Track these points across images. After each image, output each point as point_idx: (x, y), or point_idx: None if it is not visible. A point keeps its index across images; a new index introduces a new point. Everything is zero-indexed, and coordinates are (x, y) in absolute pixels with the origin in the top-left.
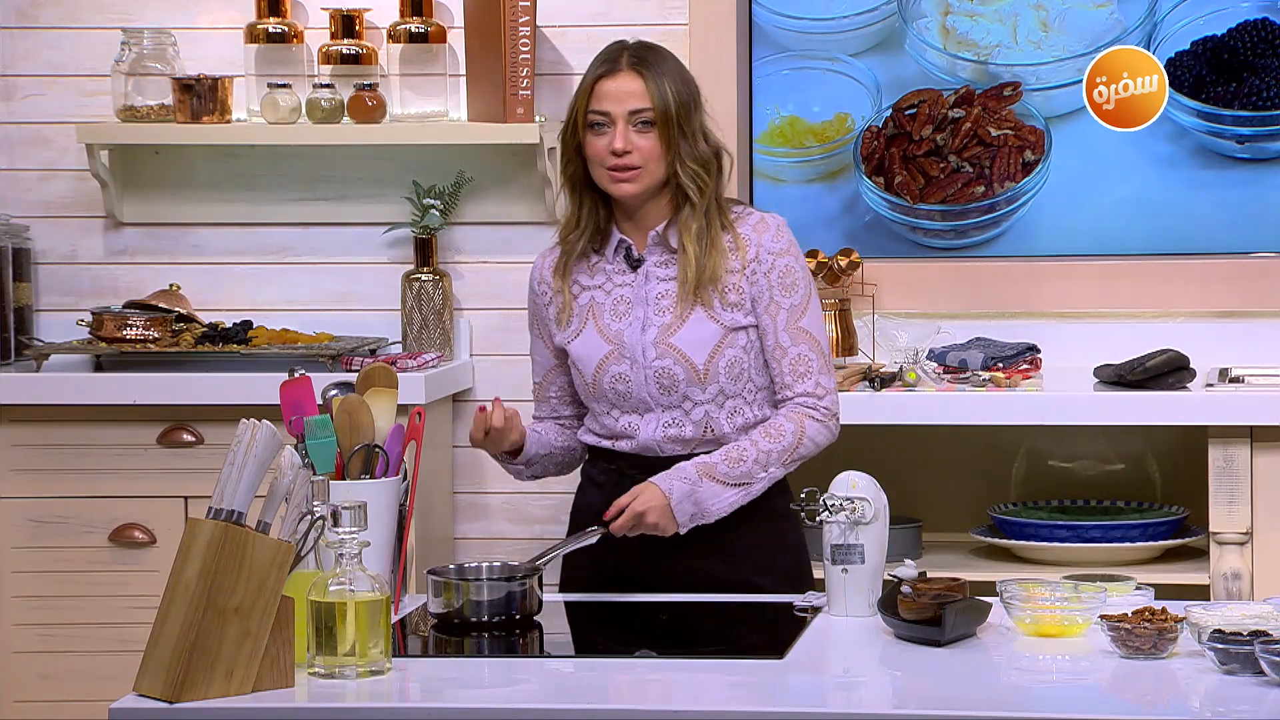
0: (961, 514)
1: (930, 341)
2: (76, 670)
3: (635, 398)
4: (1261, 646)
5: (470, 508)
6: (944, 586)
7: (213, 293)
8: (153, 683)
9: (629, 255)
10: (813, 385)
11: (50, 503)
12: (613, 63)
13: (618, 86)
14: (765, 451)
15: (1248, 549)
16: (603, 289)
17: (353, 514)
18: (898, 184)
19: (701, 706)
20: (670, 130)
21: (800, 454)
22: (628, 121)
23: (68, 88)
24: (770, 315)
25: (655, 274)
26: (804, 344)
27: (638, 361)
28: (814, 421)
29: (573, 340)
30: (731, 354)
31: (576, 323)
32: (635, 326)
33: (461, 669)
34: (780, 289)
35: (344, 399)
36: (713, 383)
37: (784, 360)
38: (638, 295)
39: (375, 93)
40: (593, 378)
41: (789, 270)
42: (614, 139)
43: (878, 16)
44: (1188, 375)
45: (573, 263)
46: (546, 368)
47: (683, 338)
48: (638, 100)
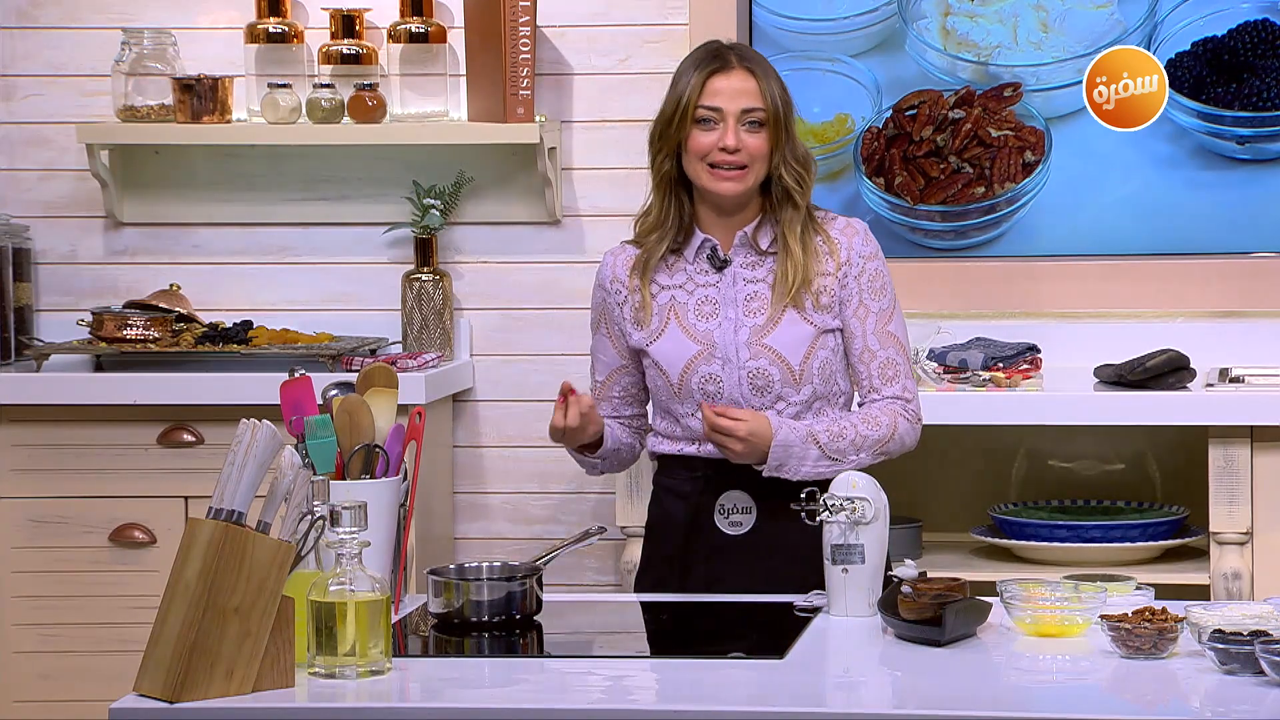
0: (962, 514)
1: (930, 341)
2: (77, 670)
3: (727, 399)
4: (1262, 646)
5: (470, 508)
6: (944, 586)
7: (213, 293)
8: (153, 683)
9: (713, 256)
10: (900, 389)
11: (50, 503)
12: (723, 60)
13: (731, 84)
14: (863, 436)
15: (1248, 549)
16: (684, 289)
17: (353, 514)
18: (898, 185)
19: (702, 706)
20: (779, 131)
21: (889, 449)
22: (738, 120)
23: (68, 88)
24: (859, 318)
25: (742, 275)
26: (892, 348)
27: (730, 361)
28: (905, 421)
29: (654, 341)
30: (824, 355)
31: (657, 322)
32: (727, 327)
33: (461, 669)
34: (870, 292)
35: (344, 399)
36: (807, 384)
37: (873, 364)
38: (724, 296)
39: (375, 93)
40: (679, 378)
41: (878, 274)
42: (725, 135)
43: (878, 17)
44: (1188, 375)
45: (654, 263)
46: (612, 367)
47: (777, 338)
48: (750, 99)
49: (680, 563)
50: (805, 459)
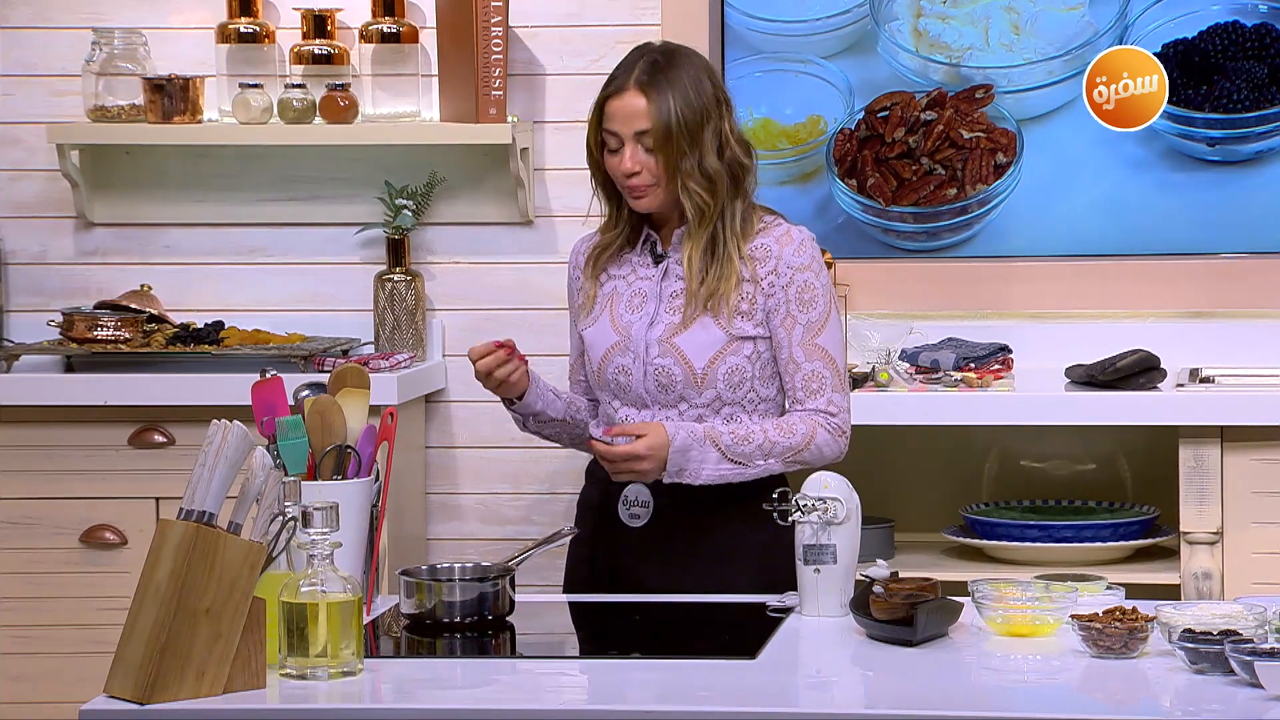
0: (933, 514)
1: (902, 342)
2: (47, 672)
3: (634, 392)
4: (1231, 646)
5: (443, 508)
6: (916, 586)
7: (184, 293)
8: (123, 684)
9: (655, 249)
10: (825, 403)
11: (21, 504)
12: (618, 83)
13: (624, 107)
14: (772, 442)
15: (1218, 549)
16: (625, 280)
17: (324, 515)
18: (870, 186)
19: (673, 707)
20: (670, 150)
21: (804, 457)
22: (636, 141)
23: (38, 87)
24: (786, 329)
25: (675, 271)
26: (819, 360)
27: (640, 356)
28: (825, 432)
29: (589, 327)
30: (734, 362)
31: (597, 310)
32: (644, 321)
33: (434, 670)
34: (798, 304)
35: (316, 399)
36: (709, 388)
37: (797, 375)
38: (654, 290)
39: (347, 93)
40: (598, 366)
41: (808, 286)
42: (624, 160)
43: (850, 19)
44: (1158, 375)
45: (608, 254)
46: (578, 351)
47: (686, 340)
48: (641, 120)
49: (589, 547)
50: (705, 461)
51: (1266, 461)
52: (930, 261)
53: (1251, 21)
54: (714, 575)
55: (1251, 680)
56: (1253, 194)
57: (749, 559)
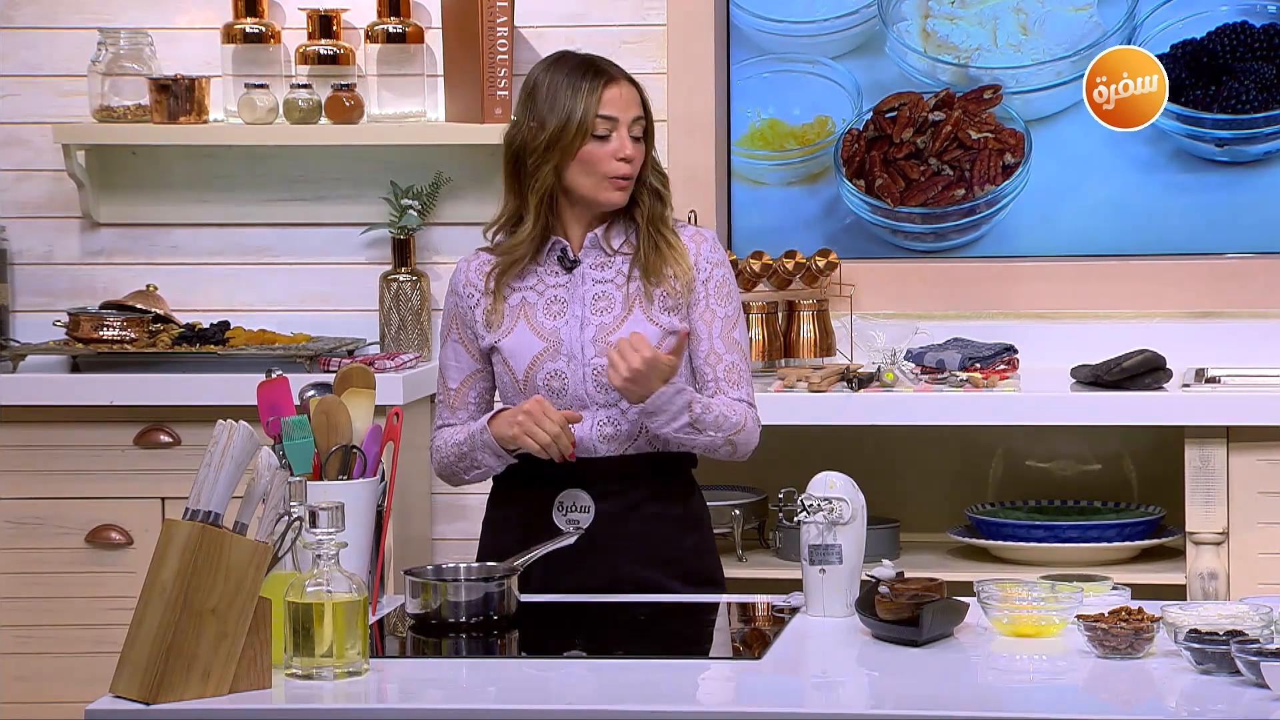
0: (939, 514)
1: (908, 342)
2: (53, 672)
3: (571, 395)
4: (1237, 646)
5: (448, 508)
6: (921, 587)
7: (190, 293)
8: (129, 684)
9: (563, 257)
10: (745, 394)
11: (27, 504)
12: (607, 72)
13: (621, 93)
14: (724, 416)
15: (1224, 549)
16: (534, 289)
17: (330, 515)
18: (878, 187)
19: (680, 707)
20: (651, 141)
21: (738, 439)
22: (629, 129)
23: (44, 88)
24: (705, 322)
25: (591, 275)
26: (736, 354)
27: (576, 358)
28: (752, 421)
29: (503, 338)
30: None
31: (508, 322)
32: (574, 324)
33: (439, 670)
34: (717, 298)
35: (321, 400)
36: None
37: (719, 366)
38: (573, 295)
39: (353, 93)
40: (525, 374)
41: (724, 281)
42: (622, 145)
43: (858, 19)
44: (1164, 375)
45: (514, 270)
46: (466, 373)
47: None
48: (638, 108)
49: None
50: (677, 419)
51: (1272, 462)
52: (936, 262)
53: (1260, 22)
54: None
55: (1257, 680)
56: (1261, 194)
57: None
